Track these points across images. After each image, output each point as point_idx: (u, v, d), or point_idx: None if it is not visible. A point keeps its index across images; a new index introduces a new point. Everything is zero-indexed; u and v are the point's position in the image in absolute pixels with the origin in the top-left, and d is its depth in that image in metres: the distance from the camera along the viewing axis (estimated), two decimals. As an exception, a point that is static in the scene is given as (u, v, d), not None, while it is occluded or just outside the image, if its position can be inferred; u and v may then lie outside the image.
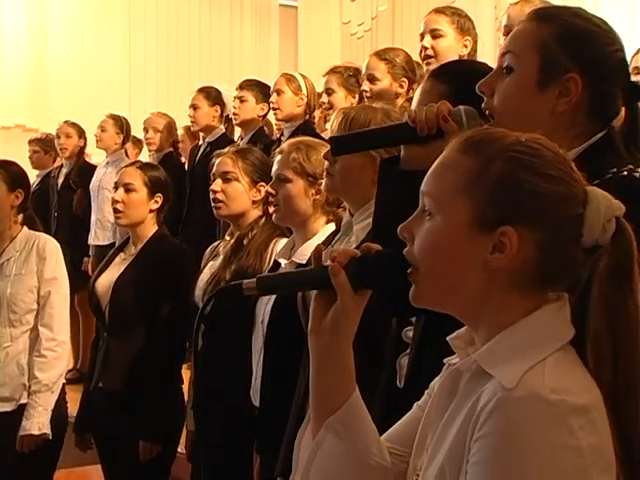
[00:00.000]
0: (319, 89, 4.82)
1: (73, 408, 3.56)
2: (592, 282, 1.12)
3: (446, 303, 1.18)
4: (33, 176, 6.22)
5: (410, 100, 3.89)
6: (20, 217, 3.53)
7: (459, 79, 1.86)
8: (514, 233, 1.11)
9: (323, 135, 3.86)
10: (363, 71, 4.16)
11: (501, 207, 1.12)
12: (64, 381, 3.46)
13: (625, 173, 1.49)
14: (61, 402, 3.42)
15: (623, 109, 1.62)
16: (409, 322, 1.95)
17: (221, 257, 3.10)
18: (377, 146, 1.89)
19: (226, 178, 3.08)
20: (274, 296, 2.53)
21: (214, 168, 3.15)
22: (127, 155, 6.27)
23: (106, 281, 3.42)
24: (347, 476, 1.22)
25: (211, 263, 3.15)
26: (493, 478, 1.03)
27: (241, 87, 5.20)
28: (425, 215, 1.17)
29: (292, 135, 4.27)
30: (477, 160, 1.14)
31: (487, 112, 1.61)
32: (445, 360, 1.24)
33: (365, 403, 1.27)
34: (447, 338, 1.23)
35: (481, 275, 1.12)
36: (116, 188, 3.41)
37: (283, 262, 2.74)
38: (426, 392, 1.28)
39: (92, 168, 6.24)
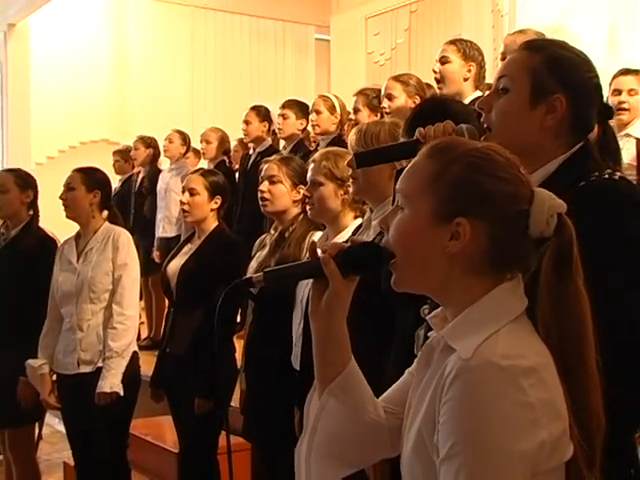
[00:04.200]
0: (349, 107, 4.83)
1: (148, 369, 3.58)
2: (540, 269, 1.12)
3: (419, 286, 1.18)
4: (117, 181, 6.29)
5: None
6: (104, 213, 3.55)
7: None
8: (467, 224, 1.10)
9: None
10: (382, 92, 4.15)
11: (457, 202, 1.12)
12: (135, 348, 3.47)
13: (606, 176, 1.49)
14: (134, 365, 3.43)
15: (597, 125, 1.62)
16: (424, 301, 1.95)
17: (267, 248, 3.11)
18: (392, 160, 1.87)
19: (272, 181, 3.08)
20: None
21: (262, 172, 3.15)
22: (187, 163, 6.28)
23: (175, 266, 3.45)
24: (348, 431, 1.24)
25: (259, 253, 3.16)
26: (457, 435, 1.02)
27: (284, 106, 5.19)
28: (398, 209, 1.18)
29: (328, 146, 4.27)
30: (438, 163, 1.14)
31: (485, 125, 1.60)
32: (429, 334, 1.25)
33: (382, 370, 1.27)
34: (427, 317, 1.23)
35: (442, 259, 1.12)
36: (183, 192, 3.44)
37: (318, 251, 2.74)
38: (415, 360, 1.27)
39: (160, 174, 6.28)
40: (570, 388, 1.08)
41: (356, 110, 4.53)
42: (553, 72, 1.54)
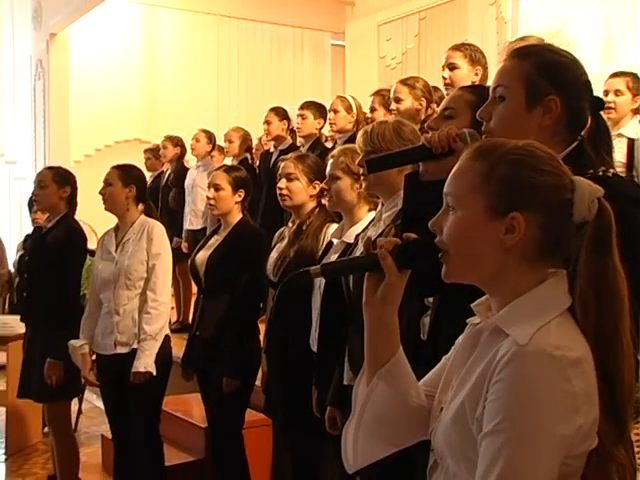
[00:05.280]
0: (364, 107, 4.80)
1: (179, 350, 3.59)
2: (580, 250, 1.11)
3: (471, 276, 1.17)
4: (148, 177, 6.29)
5: (428, 117, 3.85)
6: (140, 207, 3.56)
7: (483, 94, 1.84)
8: (521, 217, 1.10)
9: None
10: (391, 95, 4.12)
11: (508, 198, 1.11)
12: (168, 331, 3.47)
13: (600, 173, 1.47)
14: (166, 347, 3.43)
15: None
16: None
17: (286, 239, 3.11)
18: (401, 164, 1.84)
19: (289, 178, 3.07)
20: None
21: (280, 170, 3.14)
22: (213, 160, 6.27)
23: (203, 256, 3.45)
24: (394, 413, 1.23)
25: (278, 245, 3.16)
26: (505, 413, 1.02)
27: (302, 107, 5.16)
28: (449, 211, 1.16)
29: (344, 144, 4.25)
30: (485, 164, 1.13)
31: (487, 134, 1.59)
32: (467, 320, 1.24)
33: None
34: (471, 305, 1.22)
35: (498, 252, 1.12)
36: (209, 188, 3.44)
37: (335, 241, 2.74)
38: (452, 347, 1.27)
39: (187, 170, 6.27)
40: (603, 358, 1.08)
41: (373, 109, 4.52)
42: (544, 75, 1.53)
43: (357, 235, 2.56)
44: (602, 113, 1.63)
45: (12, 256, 6.15)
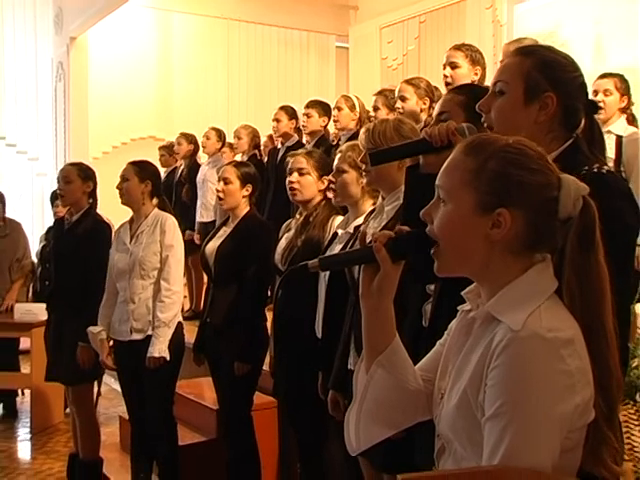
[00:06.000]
0: (367, 106, 4.78)
1: (191, 337, 3.59)
2: (566, 245, 1.10)
3: (461, 269, 1.16)
4: (162, 173, 6.28)
5: (432, 115, 3.83)
6: (154, 201, 3.55)
7: (470, 93, 1.85)
8: (507, 213, 1.09)
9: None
10: (396, 94, 4.11)
11: (497, 195, 1.10)
12: (180, 319, 3.47)
13: (595, 170, 1.46)
14: (179, 334, 3.43)
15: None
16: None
17: (293, 230, 3.10)
18: (403, 157, 1.84)
19: (301, 172, 3.05)
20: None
21: (290, 165, 3.12)
22: (223, 157, 6.25)
23: (212, 247, 3.44)
24: (393, 397, 1.23)
25: (286, 234, 3.14)
26: (506, 397, 1.02)
27: (307, 106, 5.13)
28: (440, 202, 1.15)
29: (347, 141, 4.23)
30: (476, 160, 1.12)
31: (486, 125, 1.58)
32: (459, 307, 1.23)
33: None
34: (462, 293, 1.21)
35: (484, 245, 1.11)
36: (219, 181, 3.43)
37: (340, 231, 2.73)
38: (445, 333, 1.26)
39: (199, 166, 6.25)
40: (592, 351, 1.07)
41: (376, 108, 4.50)
42: (543, 73, 1.52)
43: (356, 227, 2.55)
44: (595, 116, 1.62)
45: (34, 247, 6.17)
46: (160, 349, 3.31)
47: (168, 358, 3.32)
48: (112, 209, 3.89)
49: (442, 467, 1.17)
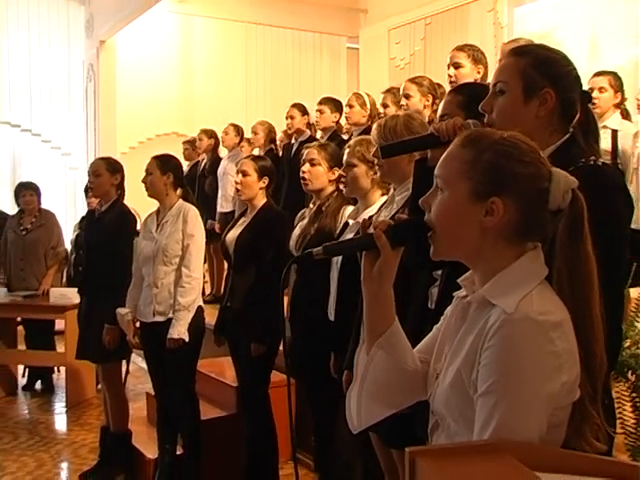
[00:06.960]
0: (377, 104, 4.74)
1: (212, 319, 3.58)
2: (556, 235, 1.09)
3: (455, 253, 1.15)
4: (185, 166, 6.26)
5: (435, 112, 3.79)
6: (179, 192, 3.54)
7: (468, 92, 1.83)
8: (500, 202, 1.08)
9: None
10: (401, 92, 4.06)
11: (491, 184, 1.09)
12: (201, 303, 3.46)
13: (591, 162, 1.44)
14: (199, 317, 3.42)
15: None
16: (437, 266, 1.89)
17: (307, 219, 3.08)
18: (412, 151, 1.83)
19: (312, 163, 3.03)
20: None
21: (303, 156, 3.10)
22: (242, 151, 6.24)
23: (232, 236, 3.42)
24: (392, 378, 1.21)
25: (301, 223, 3.12)
26: (498, 375, 1.01)
27: (320, 103, 5.10)
28: (438, 191, 1.14)
29: (359, 135, 4.19)
30: (472, 152, 1.11)
31: (489, 124, 1.55)
32: (454, 293, 1.21)
33: (402, 322, 1.24)
34: (458, 280, 1.19)
35: (478, 232, 1.10)
36: (237, 173, 3.41)
37: (351, 221, 2.71)
38: (442, 317, 1.24)
39: (221, 160, 6.23)
40: (578, 335, 1.06)
41: (385, 106, 4.47)
42: (539, 70, 1.50)
43: (370, 217, 2.52)
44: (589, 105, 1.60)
45: (68, 236, 6.20)
46: (179, 331, 3.31)
47: (187, 340, 3.32)
48: (140, 200, 3.88)
49: (435, 442, 1.16)
